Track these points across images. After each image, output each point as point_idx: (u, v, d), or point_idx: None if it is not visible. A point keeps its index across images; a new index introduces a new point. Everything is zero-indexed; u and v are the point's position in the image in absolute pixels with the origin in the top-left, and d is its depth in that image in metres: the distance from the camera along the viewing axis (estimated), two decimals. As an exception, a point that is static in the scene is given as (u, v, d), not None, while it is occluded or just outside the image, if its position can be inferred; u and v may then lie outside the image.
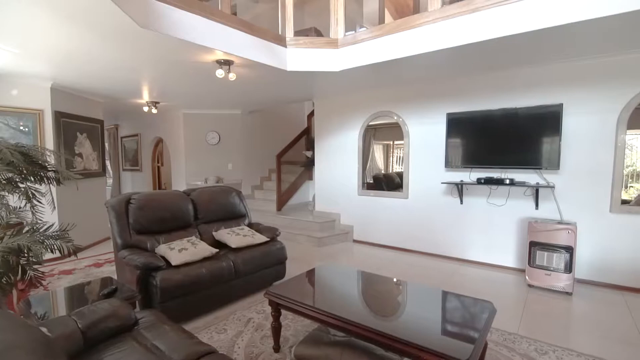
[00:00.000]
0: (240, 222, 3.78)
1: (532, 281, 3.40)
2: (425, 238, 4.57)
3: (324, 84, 4.63)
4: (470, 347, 1.51)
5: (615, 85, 3.29)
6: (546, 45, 3.05)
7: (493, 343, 2.39)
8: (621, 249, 3.35)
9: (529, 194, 3.76)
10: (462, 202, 4.21)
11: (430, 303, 2.28)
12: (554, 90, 3.57)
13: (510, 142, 3.78)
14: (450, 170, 4.25)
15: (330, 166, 5.56)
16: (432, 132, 4.39)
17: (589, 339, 2.50)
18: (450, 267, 4.11)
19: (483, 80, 3.99)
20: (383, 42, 3.40)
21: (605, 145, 3.37)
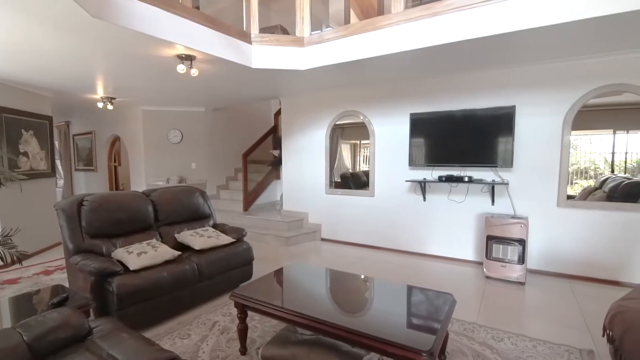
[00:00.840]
0: (205, 223, 3.66)
1: (489, 273, 3.61)
2: (391, 235, 4.69)
3: (291, 83, 4.60)
4: (432, 338, 1.57)
5: (562, 89, 3.56)
6: (500, 50, 3.23)
7: (454, 333, 2.50)
8: (567, 241, 3.63)
9: (485, 191, 3.98)
10: (425, 200, 4.37)
11: (395, 298, 2.34)
12: (508, 93, 3.80)
13: (469, 142, 3.97)
14: (414, 169, 4.40)
15: (298, 165, 5.54)
16: (397, 132, 4.51)
17: (540, 324, 2.69)
18: (415, 262, 4.25)
19: (444, 81, 4.16)
20: (349, 42, 3.44)
21: (553, 145, 3.64)
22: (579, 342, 2.41)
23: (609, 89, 3.38)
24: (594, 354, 2.25)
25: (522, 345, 2.35)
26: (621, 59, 3.28)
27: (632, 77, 3.27)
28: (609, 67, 3.34)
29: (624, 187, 3.69)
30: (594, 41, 3.00)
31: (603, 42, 3.01)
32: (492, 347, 2.32)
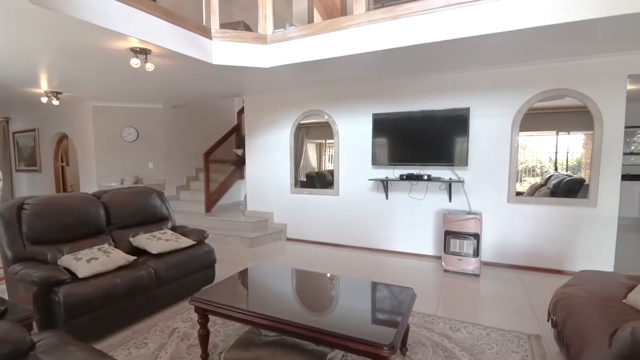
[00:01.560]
0: (163, 226, 3.50)
1: (447, 266, 3.78)
2: (355, 233, 4.76)
3: (254, 80, 4.52)
4: (393, 332, 1.61)
5: (511, 92, 3.81)
6: (456, 54, 3.39)
7: (415, 325, 2.58)
8: (516, 234, 3.90)
9: (443, 188, 4.16)
10: (388, 198, 4.49)
11: (359, 295, 2.38)
12: (464, 95, 4.00)
13: (428, 141, 4.13)
14: (377, 168, 4.50)
15: (262, 164, 5.46)
16: (360, 132, 4.58)
17: (493, 313, 2.86)
18: (379, 258, 4.35)
19: (405, 83, 4.29)
20: (312, 41, 3.44)
21: (503, 145, 3.88)
22: (528, 327, 2.59)
23: (552, 93, 3.67)
24: (540, 338, 2.43)
25: (477, 333, 2.49)
26: (562, 66, 3.58)
27: (571, 83, 3.57)
28: (552, 73, 3.62)
29: (565, 183, 4.02)
30: (539, 49, 3.24)
31: (546, 50, 3.26)
32: (450, 337, 2.43)
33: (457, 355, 2.22)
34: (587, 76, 3.51)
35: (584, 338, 1.72)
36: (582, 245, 3.66)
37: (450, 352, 2.24)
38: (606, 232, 3.57)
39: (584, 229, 3.64)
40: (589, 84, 3.51)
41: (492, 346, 2.33)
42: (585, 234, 3.64)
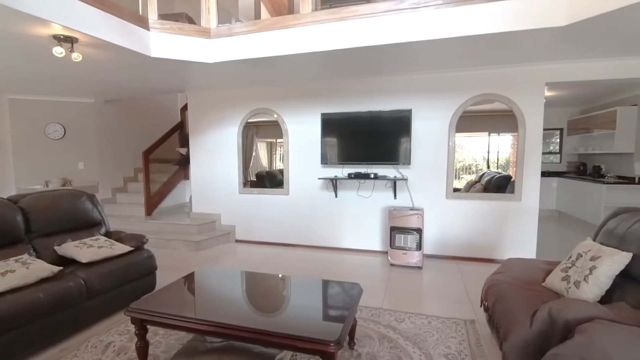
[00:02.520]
0: (95, 232, 3.20)
1: (393, 260, 3.95)
2: (306, 232, 4.78)
3: (198, 76, 4.32)
4: (340, 328, 1.63)
5: (448, 96, 4.08)
6: (399, 58, 3.54)
7: (362, 319, 2.66)
8: (454, 227, 4.20)
9: (389, 186, 4.34)
10: (337, 196, 4.57)
11: (308, 293, 2.38)
12: (406, 97, 4.21)
13: (375, 141, 4.28)
14: (326, 167, 4.56)
15: (209, 164, 5.24)
16: (309, 131, 4.60)
17: (434, 302, 3.05)
18: (329, 256, 4.41)
19: (353, 84, 4.40)
20: (258, 38, 3.37)
21: (442, 145, 4.15)
22: (464, 314, 2.79)
23: (483, 98, 4.01)
24: (475, 323, 2.63)
25: (420, 322, 2.63)
26: (491, 73, 3.92)
27: (499, 89, 3.93)
28: (482, 80, 3.95)
29: (495, 180, 4.41)
30: (471, 57, 3.51)
31: (478, 58, 3.55)
32: (395, 328, 2.54)
33: (402, 345, 2.32)
34: (512, 83, 3.88)
35: (510, 320, 1.90)
36: (509, 235, 4.05)
37: (395, 343, 2.34)
38: (529, 223, 3.99)
39: (511, 221, 4.03)
40: (513, 90, 3.89)
41: (433, 333, 2.47)
42: (512, 225, 4.03)
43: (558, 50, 3.33)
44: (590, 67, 3.65)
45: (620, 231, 2.03)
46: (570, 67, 3.70)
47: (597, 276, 1.88)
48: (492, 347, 2.28)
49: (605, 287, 1.88)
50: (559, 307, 1.67)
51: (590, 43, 3.09)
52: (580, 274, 1.97)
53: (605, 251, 1.95)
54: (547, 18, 2.65)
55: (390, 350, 2.25)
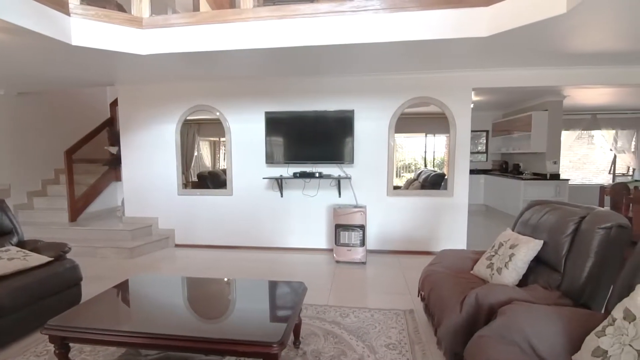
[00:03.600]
0: (5, 242, 2.80)
1: (338, 257, 4.03)
2: (251, 233, 4.67)
3: (129, 68, 3.98)
4: (283, 328, 1.62)
5: (387, 98, 4.27)
6: (341, 59, 3.61)
7: (308, 317, 2.66)
8: (394, 223, 4.41)
9: (333, 185, 4.42)
10: (283, 195, 4.54)
11: (252, 295, 2.33)
12: (349, 98, 4.32)
13: (320, 141, 4.33)
14: (271, 166, 4.50)
15: (143, 164, 4.86)
16: (253, 129, 4.50)
17: (376, 295, 3.18)
18: (275, 256, 4.36)
19: (298, 83, 4.39)
20: (197, 31, 3.21)
21: (382, 145, 4.33)
22: (404, 304, 2.94)
23: (419, 100, 4.26)
24: (413, 312, 2.79)
25: (363, 316, 2.71)
26: (426, 77, 4.18)
27: (433, 92, 4.21)
28: (419, 83, 4.20)
29: (431, 178, 4.72)
30: (408, 61, 3.71)
31: (414, 63, 3.76)
32: (340, 324, 2.59)
33: (346, 339, 2.37)
34: (444, 87, 4.18)
35: (443, 307, 2.04)
36: (443, 228, 4.36)
37: (339, 338, 2.39)
38: (460, 216, 4.33)
39: (444, 215, 4.35)
40: (445, 94, 4.20)
41: (375, 326, 2.56)
42: (445, 219, 4.35)
43: (482, 59, 3.66)
44: (509, 75, 4.08)
45: (533, 221, 2.29)
46: (493, 74, 4.10)
47: (515, 262, 2.10)
48: (428, 334, 2.42)
49: (522, 272, 2.10)
50: (484, 293, 1.83)
51: (509, 53, 3.45)
52: (501, 261, 2.18)
53: (521, 240, 2.19)
54: (472, 29, 2.89)
55: (335, 346, 2.29)
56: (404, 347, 2.29)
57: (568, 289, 1.88)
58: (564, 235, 1.96)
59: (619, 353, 1.22)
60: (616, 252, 1.80)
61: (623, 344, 1.22)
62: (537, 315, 1.54)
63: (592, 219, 1.88)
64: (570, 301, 1.83)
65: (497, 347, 1.47)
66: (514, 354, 1.41)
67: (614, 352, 1.24)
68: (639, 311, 1.26)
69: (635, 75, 3.95)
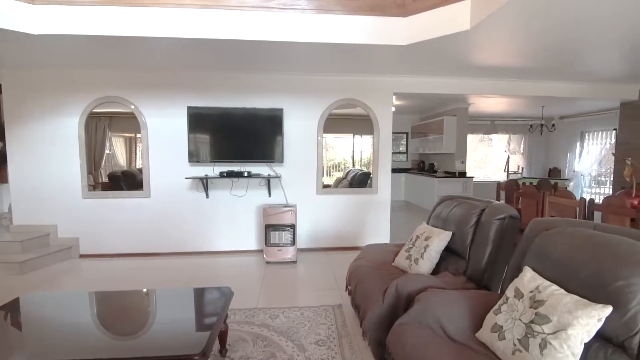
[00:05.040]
0: None
1: (269, 258, 3.97)
2: (173, 237, 4.33)
3: (17, 50, 3.37)
4: (205, 337, 1.52)
5: (316, 98, 4.33)
6: (269, 56, 3.55)
7: (236, 323, 2.56)
8: (324, 220, 4.50)
9: (263, 184, 4.34)
10: (208, 196, 4.30)
11: (175, 305, 2.15)
12: (278, 97, 4.27)
13: (248, 139, 4.20)
14: (195, 165, 4.23)
15: (36, 162, 4.15)
16: (174, 125, 4.18)
17: (307, 293, 3.20)
18: (201, 262, 4.11)
19: (226, 78, 4.20)
20: (107, 12, 2.85)
21: (311, 144, 4.39)
22: (333, 300, 3.02)
23: (346, 102, 4.41)
24: (341, 307, 2.87)
25: (293, 315, 2.71)
26: (353, 80, 4.35)
27: (359, 95, 4.40)
28: (345, 85, 4.35)
29: (358, 176, 4.92)
30: (336, 63, 3.80)
31: (340, 65, 3.87)
32: (269, 326, 2.54)
33: (276, 341, 2.34)
34: (368, 90, 4.40)
35: (367, 299, 2.14)
36: (369, 224, 4.59)
37: (269, 340, 2.34)
38: (384, 212, 4.61)
39: (370, 211, 4.58)
40: (370, 97, 4.42)
41: (305, 324, 2.58)
42: (371, 215, 4.58)
43: (402, 66, 3.94)
44: (425, 82, 4.46)
45: (444, 215, 2.53)
46: (411, 81, 4.44)
47: (429, 252, 2.29)
48: (356, 327, 2.52)
49: (435, 261, 2.31)
50: (403, 282, 1.97)
51: (424, 62, 3.76)
52: (418, 252, 2.37)
53: (434, 232, 2.40)
54: (392, 37, 3.09)
55: (265, 349, 2.24)
56: (332, 341, 2.34)
57: (472, 273, 2.12)
58: (468, 226, 2.21)
59: (512, 327, 1.40)
60: (509, 239, 2.08)
61: (514, 319, 1.41)
62: (447, 299, 1.70)
63: (489, 211, 2.14)
64: (474, 284, 2.07)
65: (413, 332, 1.58)
66: (428, 337, 1.53)
67: (507, 327, 1.42)
68: (526, 289, 1.47)
69: (525, 88, 4.65)
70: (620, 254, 1.29)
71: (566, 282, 1.40)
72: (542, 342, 1.26)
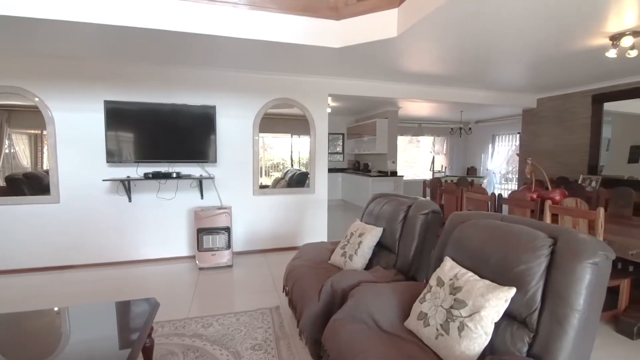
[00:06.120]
0: None
1: (202, 264, 3.76)
2: (90, 247, 3.86)
3: None
4: (125, 356, 1.37)
5: (251, 96, 4.22)
6: (198, 50, 3.35)
7: (164, 336, 2.38)
8: (261, 222, 4.41)
9: (195, 186, 4.10)
10: (131, 200, 3.92)
11: (92, 323, 1.90)
12: (210, 93, 4.07)
13: (178, 137, 3.92)
14: (115, 166, 3.83)
15: None
16: (88, 121, 3.73)
17: (243, 298, 3.09)
18: (125, 272, 3.73)
19: (151, 70, 3.86)
20: (-6, -13, 2.43)
21: (247, 144, 4.26)
22: (270, 302, 2.96)
23: (282, 101, 4.38)
24: (279, 308, 2.83)
25: (228, 322, 2.60)
26: (289, 80, 4.33)
27: (295, 95, 4.40)
28: (282, 85, 4.32)
29: (297, 176, 4.91)
30: (271, 61, 3.73)
31: (275, 64, 3.81)
32: (202, 335, 2.40)
33: (209, 350, 2.21)
34: (305, 91, 4.42)
35: (304, 298, 2.14)
36: (307, 223, 4.62)
37: (201, 351, 2.21)
38: (321, 211, 4.67)
39: (307, 211, 4.61)
40: (306, 98, 4.45)
41: (241, 329, 2.49)
42: (308, 214, 4.62)
43: (337, 68, 4.03)
44: (358, 85, 4.63)
45: (375, 212, 2.64)
46: (346, 83, 4.57)
47: (363, 248, 2.37)
48: (293, 327, 2.50)
49: (368, 256, 2.40)
50: (337, 279, 2.00)
51: (357, 65, 3.90)
52: (352, 249, 2.43)
53: (367, 228, 2.49)
54: (326, 39, 3.14)
55: (196, 361, 2.11)
56: (269, 345, 2.29)
57: (401, 266, 2.24)
58: (397, 222, 2.34)
59: (435, 314, 1.51)
60: (433, 232, 2.25)
61: (437, 306, 1.52)
62: (378, 293, 1.77)
63: (415, 206, 2.29)
64: (403, 276, 2.19)
65: (347, 327, 1.61)
66: (361, 331, 1.58)
67: (431, 314, 1.52)
68: (446, 278, 1.60)
69: (446, 94, 5.09)
70: (521, 242, 1.46)
71: (480, 268, 1.55)
72: (460, 325, 1.38)
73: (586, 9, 2.37)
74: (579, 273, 1.25)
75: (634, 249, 2.23)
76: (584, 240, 1.32)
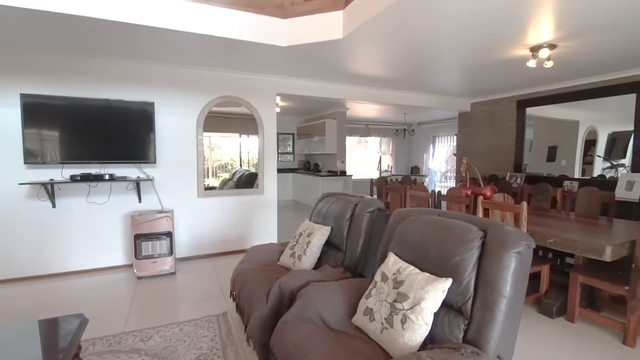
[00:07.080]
0: None
1: (140, 272, 3.49)
2: (6, 259, 3.38)
3: None
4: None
5: (194, 93, 4.01)
6: (132, 42, 3.10)
7: (96, 355, 2.16)
8: (207, 225, 4.22)
9: (131, 188, 3.79)
10: (55, 205, 3.50)
11: (7, 347, 1.65)
12: (148, 89, 3.79)
13: (111, 136, 3.58)
14: (35, 168, 3.39)
15: None
16: (1, 117, 3.28)
17: (188, 306, 2.92)
18: (50, 287, 3.32)
19: (80, 62, 3.48)
20: None
21: (190, 143, 4.05)
22: (217, 308, 2.83)
23: (227, 99, 4.22)
24: (227, 314, 2.72)
25: (170, 333, 2.43)
26: (236, 77, 4.19)
27: (242, 93, 4.27)
28: (228, 82, 4.16)
29: (245, 177, 4.78)
30: (214, 57, 3.58)
31: (221, 60, 3.67)
32: (140, 350, 2.22)
33: (148, 365, 2.05)
34: (252, 89, 4.31)
35: (251, 301, 2.07)
36: (256, 225, 4.51)
37: (139, 367, 2.04)
38: (270, 212, 4.60)
39: (256, 212, 4.51)
40: (253, 96, 4.34)
41: (184, 340, 2.34)
42: (257, 216, 4.51)
43: (286, 67, 3.98)
44: (306, 85, 4.63)
45: (324, 211, 2.65)
46: (294, 82, 4.55)
47: (311, 248, 2.37)
48: (241, 333, 2.42)
49: (317, 256, 2.40)
50: (286, 280, 1.97)
51: (305, 65, 3.89)
52: (301, 249, 2.42)
53: (315, 227, 2.50)
54: (273, 37, 3.09)
55: (133, 378, 1.94)
56: (215, 353, 2.19)
57: (349, 263, 2.28)
58: (344, 220, 2.37)
59: (379, 308, 1.54)
60: (378, 229, 2.31)
61: (381, 300, 1.56)
62: (325, 291, 1.78)
63: (362, 205, 2.35)
64: (350, 274, 2.23)
65: (295, 328, 1.59)
66: (309, 331, 1.57)
67: (376, 308, 1.56)
68: (390, 273, 1.65)
69: (390, 96, 5.30)
70: (456, 235, 1.56)
71: (420, 262, 1.62)
72: (403, 317, 1.43)
73: (511, 19, 2.61)
74: (506, 262, 1.37)
75: (552, 237, 2.51)
76: (508, 232, 1.44)
